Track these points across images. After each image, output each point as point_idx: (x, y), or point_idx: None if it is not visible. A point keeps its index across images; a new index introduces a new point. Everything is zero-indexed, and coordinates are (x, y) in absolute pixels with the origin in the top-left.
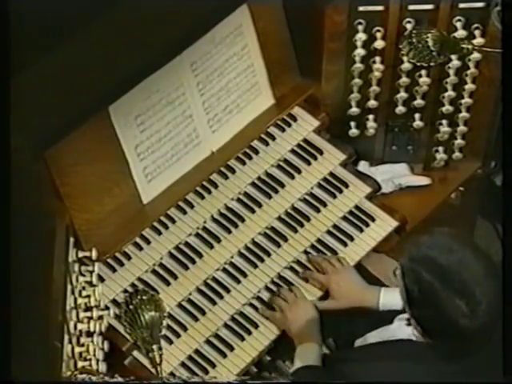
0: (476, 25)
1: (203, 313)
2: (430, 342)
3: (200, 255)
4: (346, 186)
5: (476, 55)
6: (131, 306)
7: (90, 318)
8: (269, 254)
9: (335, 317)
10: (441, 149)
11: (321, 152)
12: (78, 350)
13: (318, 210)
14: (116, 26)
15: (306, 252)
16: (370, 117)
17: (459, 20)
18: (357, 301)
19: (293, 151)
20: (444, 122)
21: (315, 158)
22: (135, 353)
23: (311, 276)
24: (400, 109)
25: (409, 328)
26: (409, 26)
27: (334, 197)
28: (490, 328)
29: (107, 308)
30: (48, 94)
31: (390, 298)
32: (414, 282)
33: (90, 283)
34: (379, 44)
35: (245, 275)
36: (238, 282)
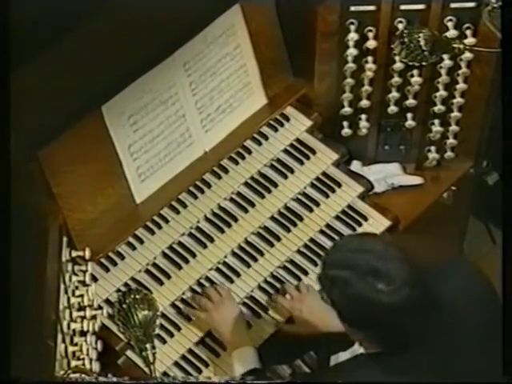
0: (467, 24)
1: None
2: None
3: (193, 255)
4: (339, 185)
5: (467, 55)
6: (124, 305)
7: (84, 318)
8: (262, 254)
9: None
10: (433, 148)
11: (313, 152)
12: (71, 349)
13: (310, 210)
14: (109, 25)
15: (299, 251)
16: (363, 116)
17: (450, 20)
18: (321, 326)
19: (285, 151)
20: (436, 121)
21: (308, 158)
22: (128, 352)
23: (276, 301)
24: (392, 108)
25: None
26: (400, 26)
27: (327, 196)
28: (414, 303)
29: (100, 307)
30: (41, 94)
31: None
32: (329, 287)
33: (84, 283)
34: (371, 44)
35: (238, 275)
36: (231, 281)
